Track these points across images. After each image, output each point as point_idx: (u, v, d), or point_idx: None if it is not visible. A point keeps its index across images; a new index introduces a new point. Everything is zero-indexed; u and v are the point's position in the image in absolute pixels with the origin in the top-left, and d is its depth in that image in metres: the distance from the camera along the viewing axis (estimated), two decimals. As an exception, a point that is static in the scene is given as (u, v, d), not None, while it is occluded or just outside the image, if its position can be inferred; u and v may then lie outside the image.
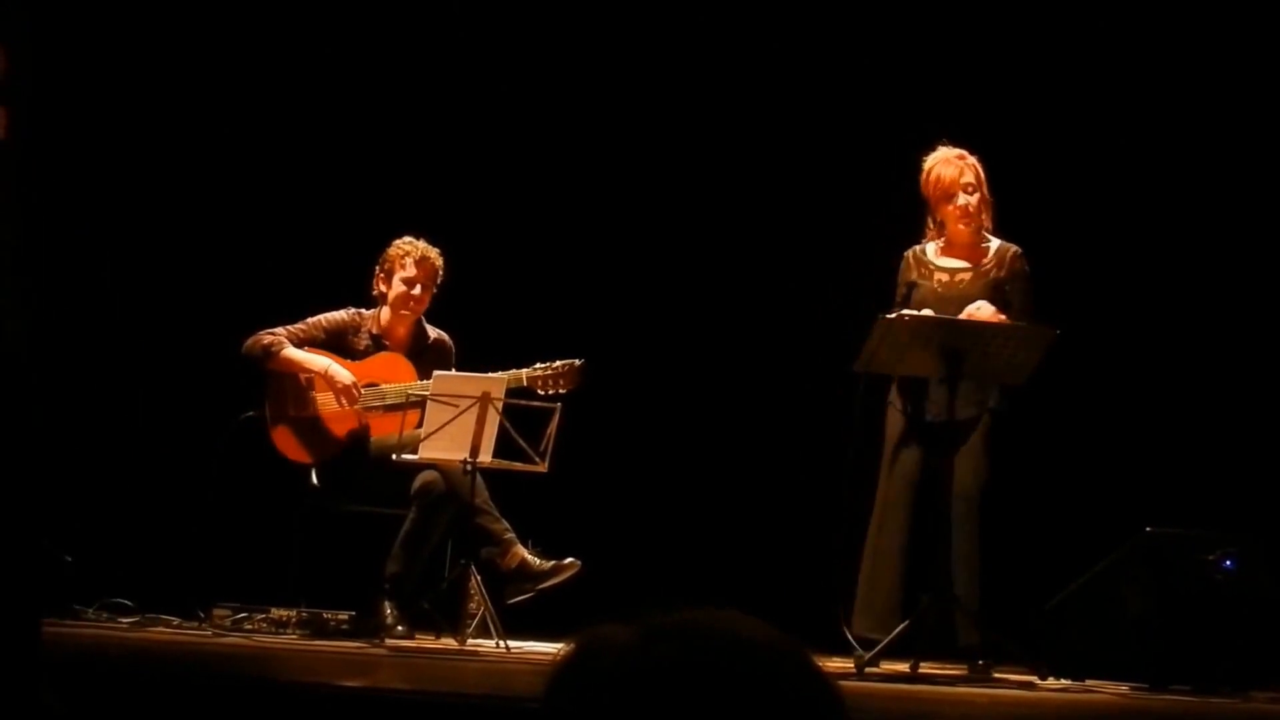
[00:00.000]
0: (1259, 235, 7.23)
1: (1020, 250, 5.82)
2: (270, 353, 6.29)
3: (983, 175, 5.80)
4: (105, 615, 6.08)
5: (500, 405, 5.82)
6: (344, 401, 6.27)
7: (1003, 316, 5.64)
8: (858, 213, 7.22)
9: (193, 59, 7.58)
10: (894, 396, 5.80)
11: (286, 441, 6.34)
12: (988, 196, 5.81)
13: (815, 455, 7.29)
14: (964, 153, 5.81)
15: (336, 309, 6.47)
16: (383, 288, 6.39)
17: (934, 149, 5.83)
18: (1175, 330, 7.22)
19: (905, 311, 5.52)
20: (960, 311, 5.65)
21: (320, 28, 7.69)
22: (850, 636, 5.49)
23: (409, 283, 6.33)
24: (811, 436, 7.33)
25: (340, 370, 6.28)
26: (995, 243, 5.85)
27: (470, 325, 6.65)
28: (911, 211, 5.95)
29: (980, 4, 7.52)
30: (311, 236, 7.41)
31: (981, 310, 5.62)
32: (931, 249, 5.85)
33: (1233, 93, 7.27)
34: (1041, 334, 5.51)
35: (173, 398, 7.35)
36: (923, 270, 5.81)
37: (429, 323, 6.50)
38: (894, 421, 5.79)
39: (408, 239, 6.37)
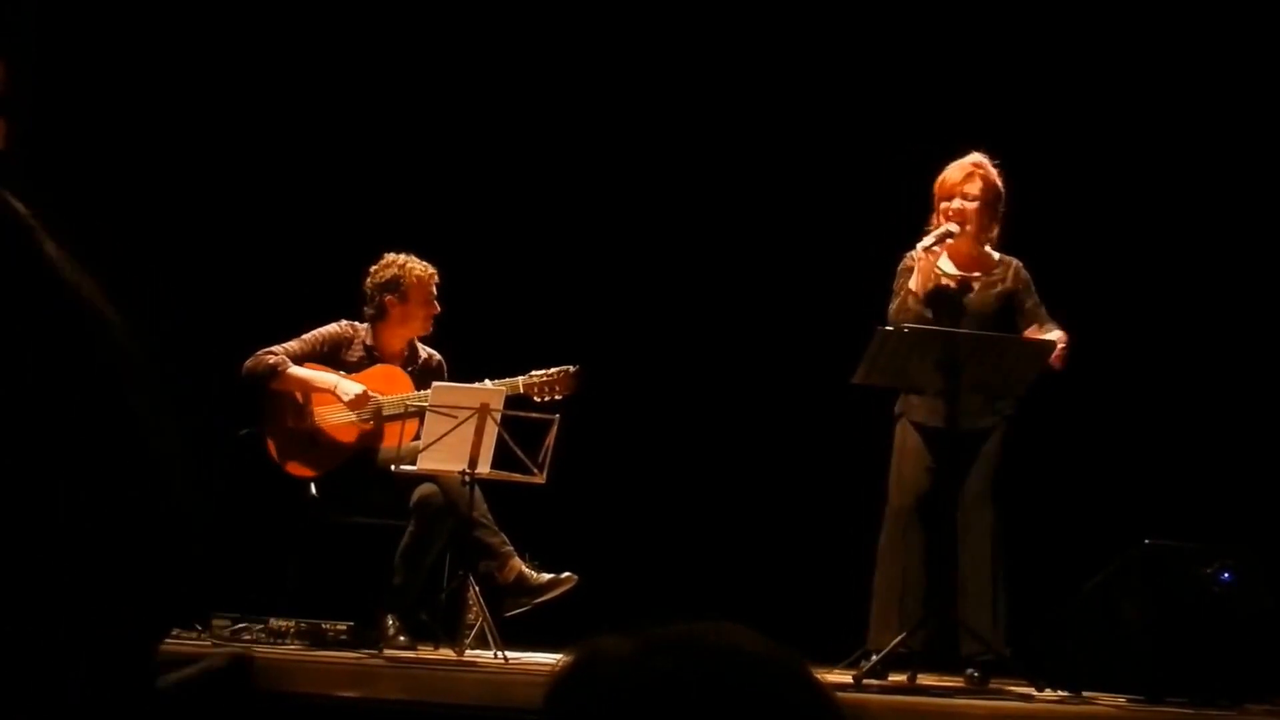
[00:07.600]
0: (1254, 248, 7.25)
1: (1021, 263, 5.80)
2: (276, 372, 6.30)
3: (998, 189, 5.74)
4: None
5: (499, 417, 5.83)
6: (357, 410, 6.27)
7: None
8: (861, 222, 7.23)
9: (181, 81, 7.62)
10: (904, 406, 5.77)
11: (286, 454, 6.35)
12: (995, 212, 5.74)
13: (814, 465, 7.31)
14: (983, 162, 5.74)
15: (327, 323, 6.47)
16: (391, 309, 6.36)
17: (964, 154, 5.77)
18: (1174, 342, 7.24)
19: (904, 324, 5.50)
20: (965, 317, 5.63)
21: (309, 45, 7.71)
22: (870, 649, 5.49)
23: (429, 305, 6.34)
24: (811, 446, 7.35)
25: (350, 384, 6.28)
26: (998, 255, 5.82)
27: (465, 334, 6.65)
28: (911, 222, 5.94)
29: (980, 14, 7.54)
30: (304, 248, 7.41)
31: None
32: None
33: (1237, 106, 7.29)
34: (1040, 347, 5.50)
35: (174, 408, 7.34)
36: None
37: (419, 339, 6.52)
38: (904, 431, 5.76)
39: (414, 262, 6.35)
